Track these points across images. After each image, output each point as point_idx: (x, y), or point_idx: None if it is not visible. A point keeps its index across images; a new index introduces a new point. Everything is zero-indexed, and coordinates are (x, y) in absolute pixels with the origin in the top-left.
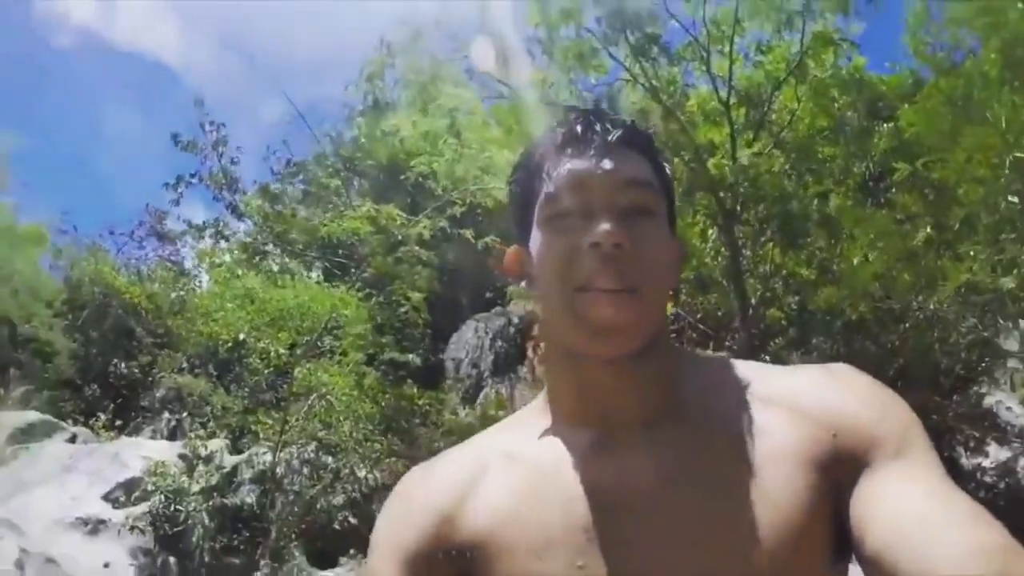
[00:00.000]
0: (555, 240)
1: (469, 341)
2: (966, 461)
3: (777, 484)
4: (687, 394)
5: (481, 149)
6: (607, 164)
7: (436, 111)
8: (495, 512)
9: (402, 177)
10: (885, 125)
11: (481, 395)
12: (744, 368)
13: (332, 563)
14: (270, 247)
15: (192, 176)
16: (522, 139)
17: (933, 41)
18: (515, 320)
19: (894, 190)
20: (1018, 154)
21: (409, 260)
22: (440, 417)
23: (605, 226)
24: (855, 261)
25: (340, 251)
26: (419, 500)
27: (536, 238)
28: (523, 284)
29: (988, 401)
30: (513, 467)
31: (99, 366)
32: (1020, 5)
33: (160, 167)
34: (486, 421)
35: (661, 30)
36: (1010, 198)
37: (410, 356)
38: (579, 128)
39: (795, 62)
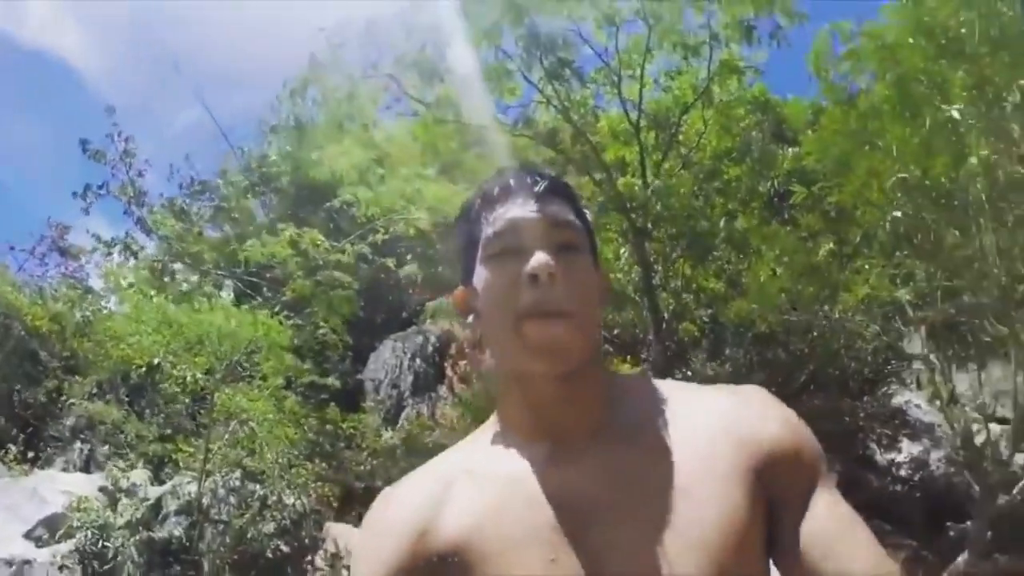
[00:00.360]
0: (498, 274)
1: (388, 361)
2: (880, 457)
3: (711, 487)
4: (619, 408)
5: (407, 180)
6: (538, 208)
7: (359, 133)
8: (465, 523)
9: (327, 204)
10: (789, 149)
11: (403, 415)
12: (662, 385)
13: None
14: (179, 266)
15: (100, 188)
16: (438, 159)
17: (833, 72)
18: (433, 339)
19: (797, 208)
20: (902, 175)
21: (330, 283)
22: (364, 440)
23: (540, 259)
24: (762, 276)
25: (251, 270)
26: (391, 520)
27: (480, 275)
28: (471, 318)
29: (897, 400)
30: (476, 481)
31: (3, 393)
32: (911, 40)
33: (64, 178)
34: (410, 442)
35: (574, 55)
36: (896, 213)
37: (330, 379)
38: (513, 180)
39: (702, 88)
